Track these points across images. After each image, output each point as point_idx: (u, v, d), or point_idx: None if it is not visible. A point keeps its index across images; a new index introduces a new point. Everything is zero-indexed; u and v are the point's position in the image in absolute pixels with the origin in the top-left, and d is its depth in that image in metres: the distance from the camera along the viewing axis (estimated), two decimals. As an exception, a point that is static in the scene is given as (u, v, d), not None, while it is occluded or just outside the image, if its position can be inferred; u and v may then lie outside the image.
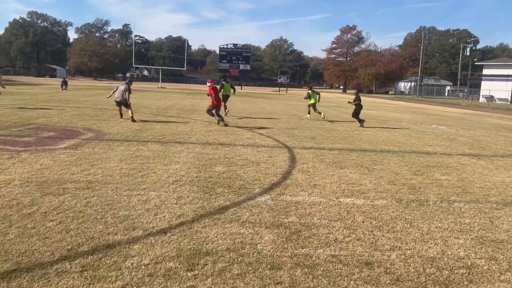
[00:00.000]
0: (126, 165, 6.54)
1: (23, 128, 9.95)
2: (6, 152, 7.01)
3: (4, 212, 4.09)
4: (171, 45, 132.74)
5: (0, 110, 14.01)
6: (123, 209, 4.42)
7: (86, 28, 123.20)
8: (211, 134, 10.55)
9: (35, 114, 13.22)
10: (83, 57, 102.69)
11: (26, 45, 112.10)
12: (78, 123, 11.55)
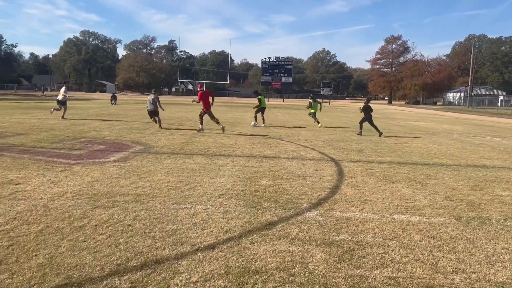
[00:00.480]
0: (173, 178, 6.57)
1: (75, 142, 10.33)
2: (59, 165, 7.26)
3: (57, 225, 4.17)
4: (215, 60, 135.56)
5: (55, 124, 14.69)
6: (171, 223, 4.39)
7: (134, 45, 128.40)
8: (255, 147, 10.49)
9: (87, 128, 13.74)
10: (131, 73, 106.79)
11: (78, 62, 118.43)
12: (127, 136, 11.86)
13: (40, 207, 4.75)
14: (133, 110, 26.49)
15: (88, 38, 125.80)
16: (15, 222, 4.21)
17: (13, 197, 5.15)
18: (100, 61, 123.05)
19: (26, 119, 16.71)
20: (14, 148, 8.98)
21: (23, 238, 3.79)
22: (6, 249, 3.54)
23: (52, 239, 3.80)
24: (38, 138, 10.77)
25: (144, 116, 20.55)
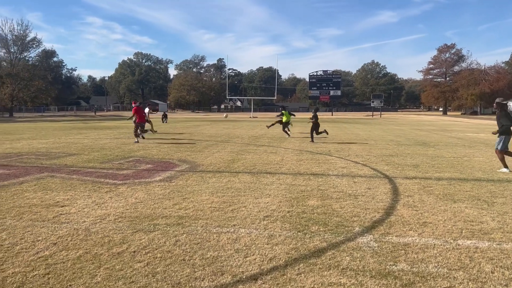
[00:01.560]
0: (217, 198, 6.35)
1: (124, 161, 10.45)
2: (105, 186, 7.28)
3: (95, 251, 4.03)
4: (262, 76, 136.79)
5: (106, 144, 15.10)
6: (212, 249, 4.12)
7: (184, 65, 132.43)
8: (302, 164, 10.10)
9: (136, 147, 13.98)
10: (182, 91, 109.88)
11: (132, 83, 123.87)
12: (174, 155, 11.89)
13: (82, 231, 4.66)
14: (183, 128, 26.96)
15: (141, 60, 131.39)
16: (55, 247, 4.12)
17: (57, 220, 5.12)
18: (152, 81, 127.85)
19: (80, 139, 17.37)
20: (65, 168, 9.20)
21: (60, 265, 3.67)
22: (41, 277, 3.42)
23: (89, 267, 3.65)
24: (88, 158, 11.03)
25: (193, 134, 20.77)
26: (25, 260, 3.78)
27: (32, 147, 13.89)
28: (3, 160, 10.61)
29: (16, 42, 63.41)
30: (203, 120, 45.80)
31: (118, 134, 21.27)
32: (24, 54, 65.66)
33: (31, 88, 61.17)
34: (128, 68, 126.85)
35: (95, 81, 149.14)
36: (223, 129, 25.71)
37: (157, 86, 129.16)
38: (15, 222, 5.02)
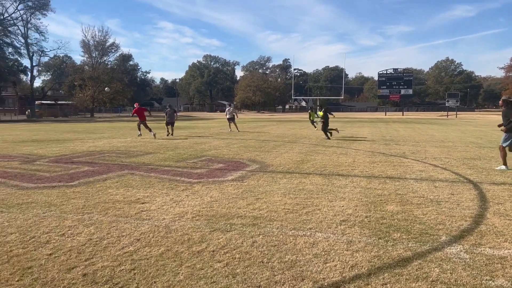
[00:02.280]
0: (290, 200, 6.27)
1: (197, 160, 10.74)
2: (181, 184, 7.50)
3: (176, 249, 4.13)
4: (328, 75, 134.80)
5: (179, 143, 15.65)
6: (289, 252, 4.05)
7: (250, 66, 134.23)
8: (376, 166, 9.72)
9: (207, 147, 14.33)
10: (248, 92, 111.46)
11: (201, 85, 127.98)
12: (244, 154, 12.01)
13: (162, 228, 4.81)
14: (250, 128, 27.25)
15: (210, 62, 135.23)
16: (139, 243, 4.28)
17: (139, 216, 5.34)
18: (220, 83, 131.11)
19: (155, 139, 18.16)
20: (143, 166, 9.64)
21: (144, 262, 3.80)
22: (128, 273, 3.55)
23: (171, 264, 3.73)
24: (164, 157, 11.48)
25: (260, 134, 20.92)
26: (112, 255, 3.96)
27: (112, 146, 14.76)
28: (88, 157, 11.37)
29: (97, 47, 68.09)
30: (268, 120, 46.05)
31: (189, 134, 22.00)
32: (104, 59, 70.34)
33: (110, 90, 65.31)
34: (197, 70, 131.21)
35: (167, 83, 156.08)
36: (290, 130, 25.61)
37: (224, 87, 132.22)
38: (101, 217, 5.31)
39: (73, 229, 4.77)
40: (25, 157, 11.46)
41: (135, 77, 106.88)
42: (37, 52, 61.70)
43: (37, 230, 4.72)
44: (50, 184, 7.50)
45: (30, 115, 57.92)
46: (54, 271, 3.58)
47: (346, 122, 37.87)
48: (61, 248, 4.13)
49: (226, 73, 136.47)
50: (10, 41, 54.86)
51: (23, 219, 5.18)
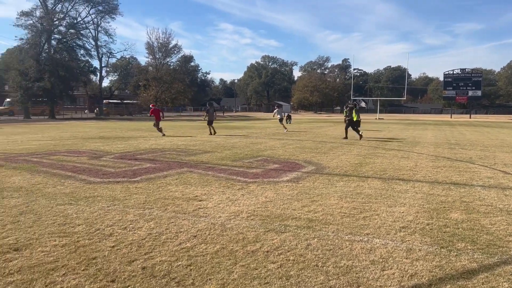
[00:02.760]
0: (346, 203, 6.13)
1: (253, 160, 10.83)
2: (237, 183, 7.60)
3: (231, 247, 4.18)
4: (390, 75, 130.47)
5: (236, 143, 15.87)
6: (345, 257, 3.95)
7: (308, 66, 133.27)
8: (440, 171, 9.24)
9: (263, 147, 14.41)
10: (305, 93, 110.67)
11: (259, 85, 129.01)
12: (300, 155, 11.93)
13: (218, 226, 4.89)
14: (306, 129, 27.05)
15: (268, 63, 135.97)
16: (195, 240, 4.39)
17: (196, 213, 5.47)
18: (277, 83, 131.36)
19: (213, 138, 18.57)
20: (202, 165, 9.88)
21: (200, 258, 3.88)
22: (185, 268, 3.65)
23: (226, 262, 3.78)
24: (221, 156, 11.70)
25: (316, 135, 20.68)
26: (170, 250, 4.09)
27: (173, 144, 15.29)
28: (150, 155, 11.85)
29: (160, 49, 70.81)
30: (325, 121, 45.41)
31: (246, 133, 22.25)
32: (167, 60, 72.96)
33: (172, 90, 67.70)
34: (255, 71, 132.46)
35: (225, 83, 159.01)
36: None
37: (281, 88, 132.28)
38: (161, 212, 5.51)
39: (135, 223, 4.98)
40: (93, 153, 12.18)
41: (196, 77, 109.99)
42: (106, 53, 65.43)
43: (101, 223, 4.99)
44: (114, 179, 7.91)
45: (99, 113, 61.62)
46: (116, 262, 3.76)
47: (408, 124, 36.43)
48: (123, 241, 4.33)
49: (284, 73, 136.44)
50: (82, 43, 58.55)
51: (89, 212, 5.50)
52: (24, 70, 48.86)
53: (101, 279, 3.41)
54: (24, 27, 50.37)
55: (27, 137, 18.61)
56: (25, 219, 5.11)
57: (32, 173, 8.48)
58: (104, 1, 58.27)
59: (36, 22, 50.63)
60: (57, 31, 53.82)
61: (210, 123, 20.71)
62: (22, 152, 12.33)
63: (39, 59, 50.13)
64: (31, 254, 3.94)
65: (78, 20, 57.15)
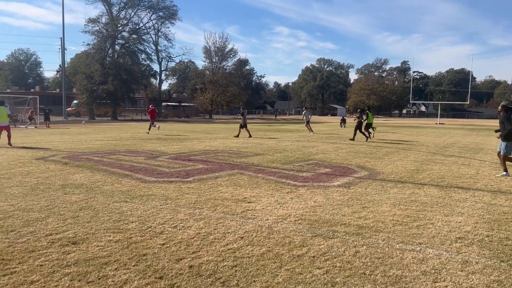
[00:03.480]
0: (399, 211, 5.91)
1: (304, 163, 10.74)
2: (287, 186, 7.57)
3: (277, 250, 4.17)
4: (452, 78, 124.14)
5: (287, 146, 15.84)
6: (395, 266, 3.81)
7: (365, 69, 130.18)
8: (504, 180, 8.65)
9: (315, 150, 14.25)
10: (361, 96, 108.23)
11: (313, 88, 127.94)
12: (353, 160, 11.67)
13: (265, 229, 4.90)
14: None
15: (323, 65, 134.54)
16: (242, 241, 4.42)
17: (244, 215, 5.52)
18: (332, 86, 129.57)
19: (265, 141, 18.66)
20: (252, 167, 9.96)
21: (246, 260, 3.90)
22: (230, 269, 3.69)
23: (271, 265, 3.78)
24: (272, 158, 11.72)
25: (371, 140, 20.13)
26: (217, 250, 4.16)
27: (225, 146, 15.55)
28: (203, 156, 12.14)
29: (217, 53, 72.38)
30: (383, 125, 44.04)
31: (298, 137, 22.14)
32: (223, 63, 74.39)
33: (227, 94, 68.92)
34: (310, 74, 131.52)
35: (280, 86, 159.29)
36: (405, 136, 24.17)
37: (337, 90, 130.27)
38: (210, 213, 5.62)
39: (185, 222, 5.12)
40: (150, 153, 12.67)
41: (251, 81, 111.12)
42: (165, 58, 67.97)
43: (153, 221, 5.17)
44: (168, 179, 8.17)
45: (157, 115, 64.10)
46: (164, 260, 3.88)
47: (471, 130, 34.48)
48: (173, 239, 4.46)
49: (340, 76, 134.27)
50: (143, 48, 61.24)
51: (143, 210, 5.72)
52: (90, 74, 51.92)
53: (150, 275, 3.53)
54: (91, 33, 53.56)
55: (90, 137, 19.74)
56: (84, 215, 5.41)
57: (93, 171, 8.97)
58: (165, 7, 60.60)
59: (102, 28, 53.66)
60: (121, 37, 56.69)
61: (244, 126, 21.37)
62: (85, 151, 13.10)
63: (104, 63, 53.06)
64: (87, 248, 4.17)
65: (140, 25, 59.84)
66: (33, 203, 6.01)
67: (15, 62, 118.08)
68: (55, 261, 3.80)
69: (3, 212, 5.48)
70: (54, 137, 19.75)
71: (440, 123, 54.16)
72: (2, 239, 4.36)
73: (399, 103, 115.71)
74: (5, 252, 4.00)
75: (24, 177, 8.19)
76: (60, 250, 4.08)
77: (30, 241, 4.32)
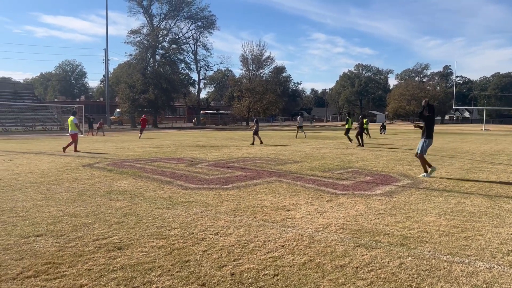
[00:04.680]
0: (445, 221, 5.69)
1: (343, 171, 10.58)
2: (326, 194, 7.47)
3: (318, 260, 4.11)
4: (498, 83, 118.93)
5: (326, 153, 15.66)
6: (443, 279, 3.66)
7: (405, 74, 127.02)
8: (559, 190, 8.16)
9: (355, 158, 14.01)
10: (401, 102, 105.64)
11: (351, 94, 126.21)
12: (394, 168, 11.38)
13: (306, 238, 4.85)
14: (402, 140, 25.74)
15: (361, 71, 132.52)
16: (283, 250, 4.40)
17: (284, 223, 5.49)
18: (371, 92, 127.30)
19: (302, 148, 18.55)
20: (290, 174, 9.91)
21: (287, 269, 3.87)
22: (272, 278, 3.67)
23: (313, 275, 3.73)
24: (310, 166, 11.62)
25: (413, 147, 19.57)
26: (258, 258, 4.15)
27: (263, 153, 15.58)
28: (241, 163, 12.21)
29: (254, 61, 72.93)
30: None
31: (337, 144, 21.87)
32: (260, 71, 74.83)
33: (264, 101, 69.23)
34: (348, 79, 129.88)
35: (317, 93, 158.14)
36: (449, 143, 23.32)
37: (375, 96, 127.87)
38: (250, 220, 5.63)
39: (225, 229, 5.15)
40: (190, 160, 12.89)
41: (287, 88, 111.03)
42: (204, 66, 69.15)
43: (195, 227, 5.24)
44: (208, 186, 8.28)
45: (196, 123, 65.29)
46: (207, 267, 3.91)
47: (520, 136, 32.80)
48: (214, 246, 4.50)
49: (378, 82, 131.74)
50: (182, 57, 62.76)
51: (184, 216, 5.81)
52: (132, 83, 53.67)
53: (193, 282, 3.57)
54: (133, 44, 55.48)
55: (132, 145, 20.35)
56: (128, 220, 5.57)
57: (136, 178, 9.23)
58: (203, 17, 61.81)
59: (143, 39, 55.46)
60: (161, 47, 58.35)
61: (256, 133, 21.31)
62: (128, 158, 13.50)
63: (145, 73, 54.72)
64: (132, 253, 4.27)
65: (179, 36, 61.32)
66: (80, 208, 6.24)
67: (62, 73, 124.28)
68: (102, 265, 3.92)
69: (53, 217, 5.73)
70: (98, 145, 20.50)
71: (485, 129, 51.92)
72: (53, 244, 4.55)
73: (441, 109, 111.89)
74: (56, 256, 4.17)
75: (72, 183, 8.54)
76: (106, 255, 4.21)
77: (78, 246, 4.48)
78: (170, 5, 57.50)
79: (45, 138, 26.20)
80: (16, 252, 4.28)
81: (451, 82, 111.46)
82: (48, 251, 4.31)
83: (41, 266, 3.88)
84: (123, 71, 60.83)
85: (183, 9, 58.87)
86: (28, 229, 5.11)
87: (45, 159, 13.39)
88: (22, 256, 4.16)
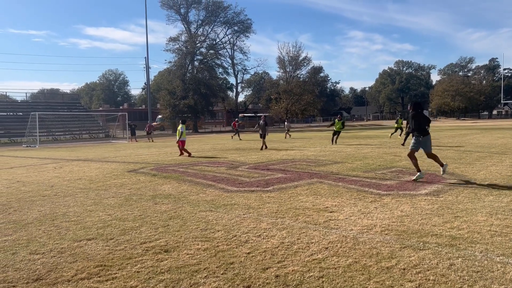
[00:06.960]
0: (497, 221, 5.44)
1: (386, 171, 10.35)
2: (370, 195, 7.33)
3: (364, 262, 4.04)
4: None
5: (368, 153, 15.37)
6: (496, 281, 3.50)
7: (449, 69, 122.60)
8: None
9: (398, 158, 13.65)
10: (445, 98, 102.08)
11: (392, 92, 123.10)
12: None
13: (350, 239, 4.79)
14: (447, 137, 24.82)
15: (402, 68, 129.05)
16: (327, 252, 4.36)
17: (327, 225, 5.44)
18: (413, 89, 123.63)
19: (343, 148, 18.31)
20: (331, 175, 9.80)
21: (332, 271, 3.84)
22: (317, 280, 3.65)
23: (359, 277, 3.67)
24: (352, 166, 11.44)
25: (460, 144, 18.84)
26: (302, 260, 4.14)
27: (303, 155, 15.51)
28: (281, 165, 12.21)
29: (291, 62, 72.81)
30: (470, 128, 41.02)
31: (379, 143, 21.40)
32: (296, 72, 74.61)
33: (302, 102, 68.86)
34: (388, 77, 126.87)
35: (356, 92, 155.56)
36: (498, 139, 22.26)
37: (417, 93, 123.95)
38: (292, 222, 5.62)
39: (268, 232, 5.17)
40: (230, 163, 13.04)
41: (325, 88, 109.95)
42: (241, 70, 69.94)
43: (238, 230, 5.30)
44: (249, 188, 8.34)
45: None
46: (251, 269, 3.95)
47: None
48: (258, 249, 4.53)
49: (420, 78, 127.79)
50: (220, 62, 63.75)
51: (227, 219, 5.89)
52: (172, 90, 55.03)
53: (238, 283, 3.61)
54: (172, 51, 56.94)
55: (175, 150, 20.82)
56: (173, 224, 5.71)
57: (179, 182, 9.44)
58: (239, 22, 62.51)
59: (181, 46, 56.77)
60: (199, 53, 59.49)
61: (262, 136, 20.56)
62: (171, 163, 13.84)
63: (184, 79, 55.94)
64: (178, 256, 4.38)
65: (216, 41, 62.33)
66: (127, 212, 6.47)
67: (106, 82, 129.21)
68: (150, 268, 4.04)
69: (102, 221, 5.97)
70: (142, 151, 21.15)
71: (538, 123, 49.10)
72: (103, 247, 4.75)
73: (488, 103, 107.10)
74: (106, 258, 4.35)
75: (118, 188, 8.86)
76: (154, 257, 4.34)
77: (127, 249, 4.65)
78: (206, 11, 58.59)
79: (91, 146, 27.35)
80: (70, 255, 4.49)
81: (498, 75, 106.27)
82: (99, 254, 4.50)
83: (93, 269, 4.05)
84: (163, 78, 62.57)
85: (219, 15, 59.81)
86: (80, 233, 5.36)
87: (93, 165, 13.98)
88: (75, 259, 4.37)
